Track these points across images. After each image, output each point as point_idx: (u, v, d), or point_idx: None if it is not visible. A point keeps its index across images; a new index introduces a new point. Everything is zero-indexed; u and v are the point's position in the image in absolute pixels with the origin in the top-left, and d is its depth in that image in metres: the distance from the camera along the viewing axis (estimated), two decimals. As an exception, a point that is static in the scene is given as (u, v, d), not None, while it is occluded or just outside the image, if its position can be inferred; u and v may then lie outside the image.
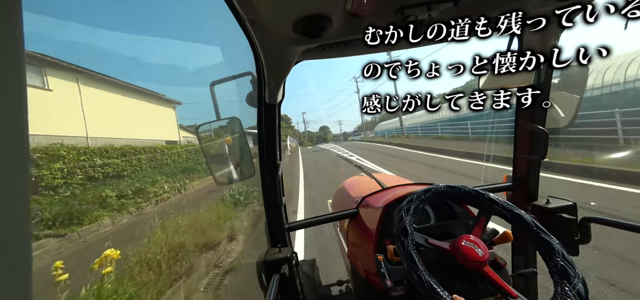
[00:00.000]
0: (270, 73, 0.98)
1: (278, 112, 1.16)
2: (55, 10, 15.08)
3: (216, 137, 1.28)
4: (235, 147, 1.24)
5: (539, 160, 1.23)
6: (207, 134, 1.27)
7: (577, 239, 1.13)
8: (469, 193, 0.91)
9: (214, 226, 4.79)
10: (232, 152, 1.26)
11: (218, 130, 1.26)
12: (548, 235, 0.78)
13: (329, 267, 2.88)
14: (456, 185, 0.91)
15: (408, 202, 0.84)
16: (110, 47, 18.28)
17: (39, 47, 9.35)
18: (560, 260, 0.71)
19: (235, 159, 1.26)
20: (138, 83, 13.73)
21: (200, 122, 1.24)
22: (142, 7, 31.41)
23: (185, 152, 14.04)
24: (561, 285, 0.67)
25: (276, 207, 1.21)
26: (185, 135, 17.95)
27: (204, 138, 1.26)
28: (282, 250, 1.18)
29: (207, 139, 1.28)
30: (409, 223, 0.78)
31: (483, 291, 0.79)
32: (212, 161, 1.33)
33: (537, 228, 0.80)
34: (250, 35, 0.80)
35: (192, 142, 16.28)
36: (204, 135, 1.26)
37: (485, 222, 0.89)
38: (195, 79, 26.84)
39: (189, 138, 17.62)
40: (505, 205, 0.87)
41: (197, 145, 13.30)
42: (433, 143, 13.99)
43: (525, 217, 0.83)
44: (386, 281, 0.87)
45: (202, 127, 1.24)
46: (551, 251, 0.74)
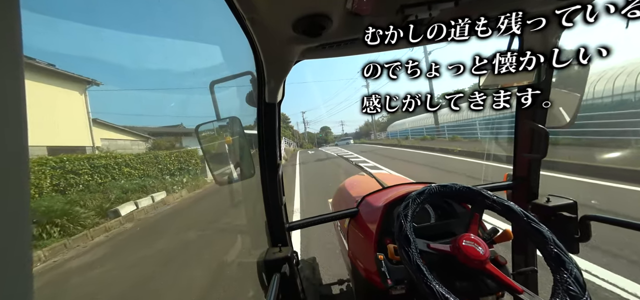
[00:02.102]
0: (270, 72, 0.98)
1: (278, 111, 1.16)
2: (54, 11, 15.00)
3: (216, 137, 1.29)
4: (235, 146, 1.24)
5: (539, 158, 1.23)
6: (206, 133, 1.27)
7: (578, 237, 1.13)
8: (460, 190, 0.91)
9: None
10: (232, 152, 1.26)
11: (218, 130, 1.26)
12: (538, 224, 0.79)
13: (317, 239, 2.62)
14: (448, 184, 0.92)
15: (405, 207, 0.84)
16: (108, 46, 18.13)
17: (38, 47, 8.93)
18: (553, 248, 0.73)
19: (235, 159, 1.26)
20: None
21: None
22: (141, 5, 31.35)
23: (105, 167, 8.34)
24: (559, 274, 0.68)
25: (276, 206, 1.21)
26: (114, 138, 11.53)
27: (203, 138, 1.26)
28: (283, 249, 1.19)
29: (207, 139, 1.27)
30: (410, 231, 0.78)
31: (485, 289, 0.79)
32: (212, 161, 1.33)
33: (527, 218, 0.81)
34: (250, 34, 0.80)
35: (126, 148, 11.48)
36: (203, 135, 1.26)
37: (480, 217, 0.91)
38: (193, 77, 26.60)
39: (121, 140, 11.89)
40: (495, 198, 0.88)
41: (142, 153, 10.84)
42: (475, 146, 11.08)
43: (515, 208, 0.85)
44: (387, 280, 0.87)
45: (202, 127, 1.24)
46: (543, 240, 0.76)
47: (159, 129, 15.49)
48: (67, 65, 9.87)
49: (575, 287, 0.65)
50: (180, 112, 21.38)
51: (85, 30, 17.58)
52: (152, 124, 15.22)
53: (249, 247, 4.36)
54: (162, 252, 4.91)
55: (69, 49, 16.51)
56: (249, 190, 7.00)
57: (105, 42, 18.51)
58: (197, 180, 11.34)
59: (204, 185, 11.26)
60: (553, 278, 0.70)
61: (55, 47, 16.75)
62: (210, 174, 1.27)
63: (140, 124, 14.65)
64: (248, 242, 4.58)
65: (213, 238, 5.46)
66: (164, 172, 10.76)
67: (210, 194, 9.85)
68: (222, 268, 3.88)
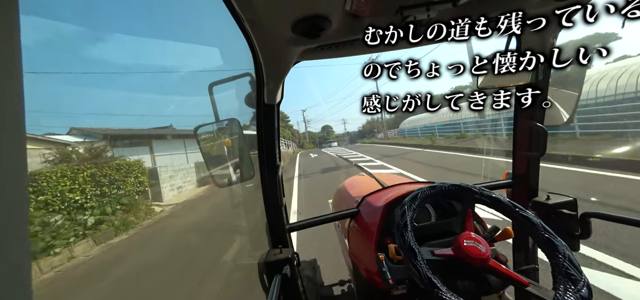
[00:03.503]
0: (269, 73, 0.98)
1: (277, 112, 1.16)
2: (54, 11, 14.87)
3: (216, 139, 1.28)
4: (235, 148, 1.23)
5: (538, 156, 1.24)
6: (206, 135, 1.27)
7: (578, 235, 1.14)
8: (449, 189, 0.92)
9: None
10: (231, 154, 1.26)
11: (217, 132, 1.26)
12: (525, 211, 0.80)
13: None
14: (437, 184, 0.93)
15: (402, 215, 0.83)
16: (107, 46, 17.95)
17: (36, 47, 8.80)
18: (544, 233, 0.75)
19: (234, 160, 1.26)
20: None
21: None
22: (140, 6, 31.23)
23: None
24: (555, 258, 0.70)
25: (276, 207, 1.21)
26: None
27: (202, 139, 1.26)
28: (283, 250, 1.19)
29: (206, 140, 1.27)
30: (413, 241, 0.77)
31: (488, 288, 0.79)
32: (211, 163, 1.33)
33: (515, 207, 0.82)
34: (249, 36, 0.80)
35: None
36: (203, 137, 1.26)
37: (472, 211, 0.92)
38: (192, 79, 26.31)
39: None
40: (482, 191, 0.89)
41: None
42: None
43: (503, 200, 0.86)
44: (388, 280, 0.87)
45: (201, 129, 1.24)
46: (532, 227, 0.77)
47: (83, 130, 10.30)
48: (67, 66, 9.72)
49: (573, 270, 0.67)
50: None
51: (84, 31, 17.47)
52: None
53: (250, 249, 4.35)
54: (163, 255, 4.87)
55: (68, 49, 16.39)
56: (248, 192, 6.94)
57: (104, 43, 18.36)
58: (130, 215, 6.91)
59: (142, 220, 6.88)
60: (550, 264, 0.71)
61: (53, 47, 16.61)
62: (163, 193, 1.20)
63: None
64: (248, 243, 4.56)
65: (213, 240, 5.44)
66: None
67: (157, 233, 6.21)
68: (222, 270, 3.87)
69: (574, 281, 0.65)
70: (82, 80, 13.13)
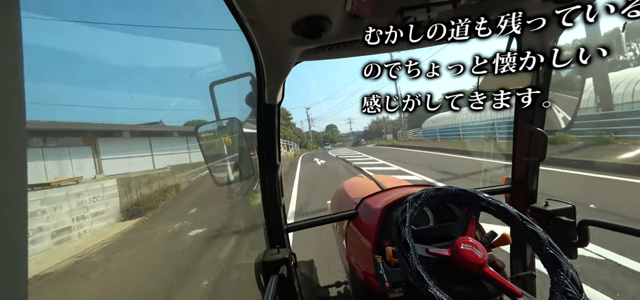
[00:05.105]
0: (270, 73, 0.98)
1: (278, 112, 1.16)
2: (53, 11, 14.97)
3: (216, 138, 1.28)
4: (235, 147, 1.23)
5: (537, 162, 1.23)
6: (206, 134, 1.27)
7: (576, 242, 1.13)
8: (456, 193, 0.91)
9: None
10: (231, 153, 1.26)
11: (218, 131, 1.26)
12: (533, 225, 0.79)
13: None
14: (444, 187, 0.92)
15: (402, 211, 0.84)
16: (107, 46, 18.05)
17: (36, 47, 8.86)
18: (549, 249, 0.73)
19: (234, 160, 1.26)
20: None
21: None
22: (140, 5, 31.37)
23: None
24: (556, 275, 0.68)
25: (275, 207, 1.21)
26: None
27: (203, 138, 1.26)
28: (281, 251, 1.18)
29: (206, 139, 1.27)
30: (408, 236, 0.77)
31: (484, 293, 0.78)
32: (211, 161, 1.33)
33: (523, 220, 0.81)
34: (249, 36, 0.80)
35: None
36: (203, 136, 1.26)
37: (476, 219, 0.91)
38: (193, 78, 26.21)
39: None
40: (490, 200, 0.88)
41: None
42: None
43: (510, 210, 0.84)
44: (384, 283, 0.86)
45: (202, 127, 1.24)
46: (539, 241, 0.76)
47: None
48: (66, 66, 9.78)
49: (573, 289, 0.65)
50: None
51: (84, 30, 17.56)
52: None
53: (247, 248, 4.34)
54: (160, 253, 4.84)
55: (68, 49, 16.46)
56: (247, 191, 6.88)
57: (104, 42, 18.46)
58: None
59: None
60: (550, 279, 0.69)
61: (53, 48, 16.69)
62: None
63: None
64: (246, 243, 4.55)
65: (210, 238, 5.41)
66: None
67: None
68: (219, 269, 3.85)
69: (571, 299, 0.63)
70: (83, 80, 13.19)
